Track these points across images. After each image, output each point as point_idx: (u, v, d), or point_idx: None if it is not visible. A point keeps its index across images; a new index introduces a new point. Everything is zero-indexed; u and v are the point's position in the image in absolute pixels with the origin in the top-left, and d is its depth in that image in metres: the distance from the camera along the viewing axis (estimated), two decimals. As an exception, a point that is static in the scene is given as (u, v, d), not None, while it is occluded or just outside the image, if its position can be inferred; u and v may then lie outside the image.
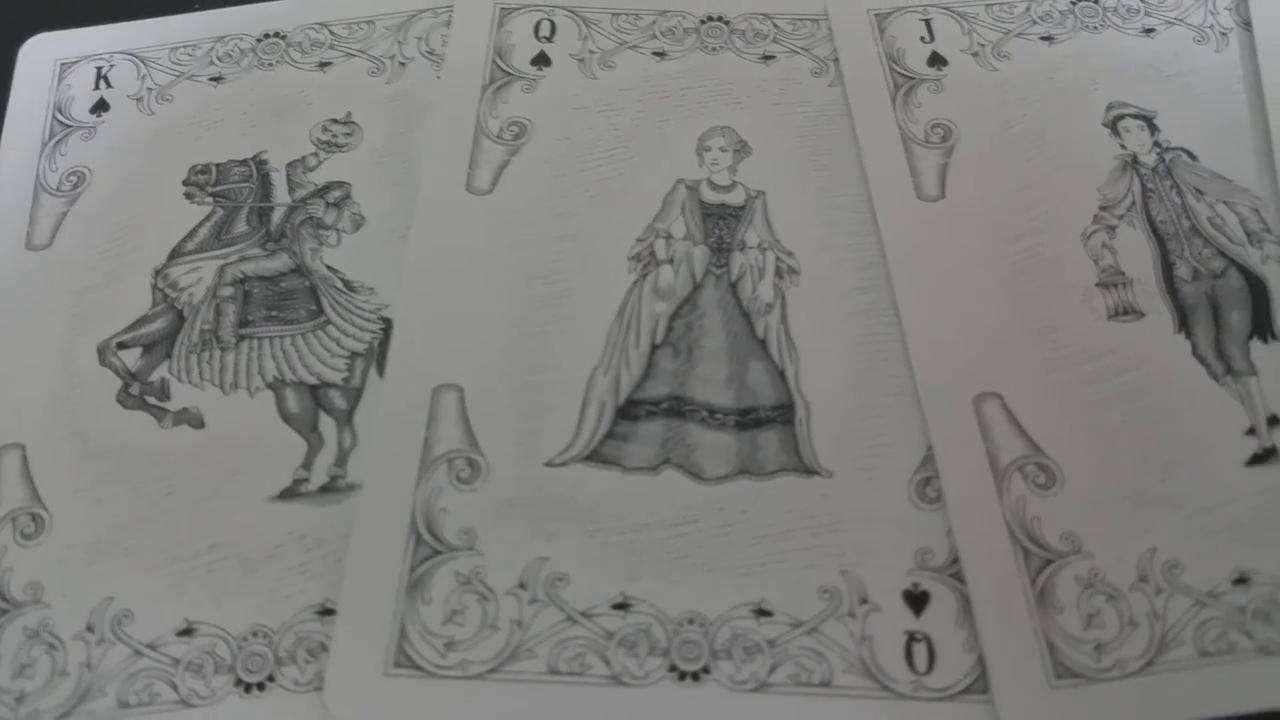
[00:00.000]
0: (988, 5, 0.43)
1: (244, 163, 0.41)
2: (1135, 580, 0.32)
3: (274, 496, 0.35)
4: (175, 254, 0.39)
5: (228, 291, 0.38)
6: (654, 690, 0.31)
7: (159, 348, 0.38)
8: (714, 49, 0.42)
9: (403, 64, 0.43)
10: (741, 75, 0.42)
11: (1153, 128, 0.40)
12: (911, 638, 0.32)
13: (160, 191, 0.41)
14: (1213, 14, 0.43)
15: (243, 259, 0.39)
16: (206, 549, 0.34)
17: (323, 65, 0.43)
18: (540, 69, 0.42)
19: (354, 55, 0.43)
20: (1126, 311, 0.37)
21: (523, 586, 0.33)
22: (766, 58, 0.42)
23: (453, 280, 0.37)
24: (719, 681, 0.31)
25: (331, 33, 0.44)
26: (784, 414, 0.35)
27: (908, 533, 0.33)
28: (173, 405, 0.37)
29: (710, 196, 0.39)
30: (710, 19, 0.43)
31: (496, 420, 0.35)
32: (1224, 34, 0.42)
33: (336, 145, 0.41)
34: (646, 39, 0.43)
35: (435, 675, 0.32)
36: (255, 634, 0.33)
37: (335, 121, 0.42)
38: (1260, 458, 0.34)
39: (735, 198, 0.39)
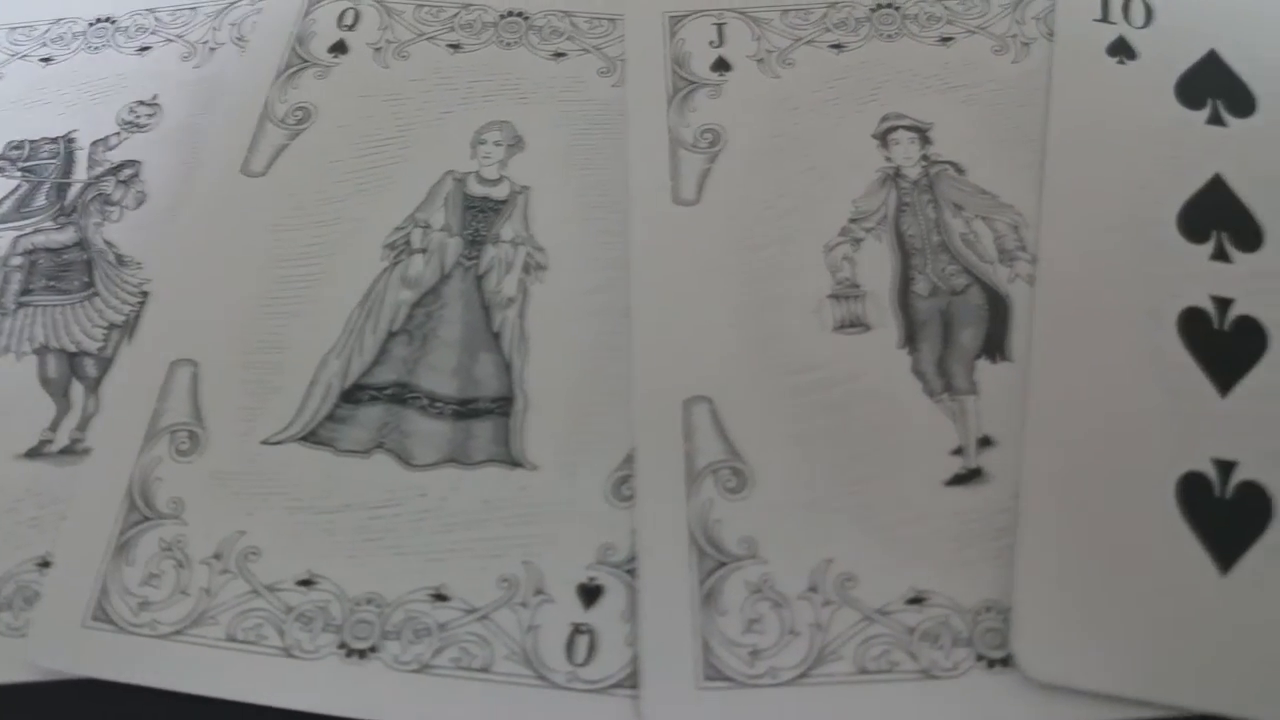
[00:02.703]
0: (784, 11, 0.43)
1: (55, 140, 0.43)
2: (805, 590, 0.33)
3: (21, 454, 0.37)
4: (-21, 224, 0.42)
5: (17, 261, 0.40)
6: (319, 664, 0.32)
7: (-50, 311, 0.40)
8: (509, 44, 0.43)
9: (213, 49, 0.44)
10: (531, 71, 0.43)
11: (925, 140, 0.40)
12: (576, 630, 0.33)
13: (-23, 165, 0.43)
14: (1019, 23, 0.42)
15: (36, 231, 0.41)
16: (-41, 499, 0.36)
17: (142, 50, 0.45)
18: (336, 56, 0.43)
19: (171, 40, 0.45)
20: (854, 324, 0.37)
21: (217, 557, 0.34)
22: (558, 55, 0.43)
23: (209, 259, 0.39)
24: (383, 660, 0.32)
25: (157, 19, 0.46)
26: (502, 406, 0.36)
27: (595, 528, 0.34)
28: (-47, 365, 0.39)
29: (475, 189, 0.40)
30: (511, 14, 0.44)
31: (225, 396, 0.37)
32: (1026, 44, 0.42)
33: (138, 126, 0.43)
34: (445, 31, 0.44)
35: (126, 632, 0.33)
36: (-18, 580, 0.35)
37: (141, 103, 0.43)
38: (962, 478, 0.34)
39: (499, 192, 0.40)
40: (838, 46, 0.42)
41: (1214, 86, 0.41)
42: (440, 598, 0.33)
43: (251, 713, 0.32)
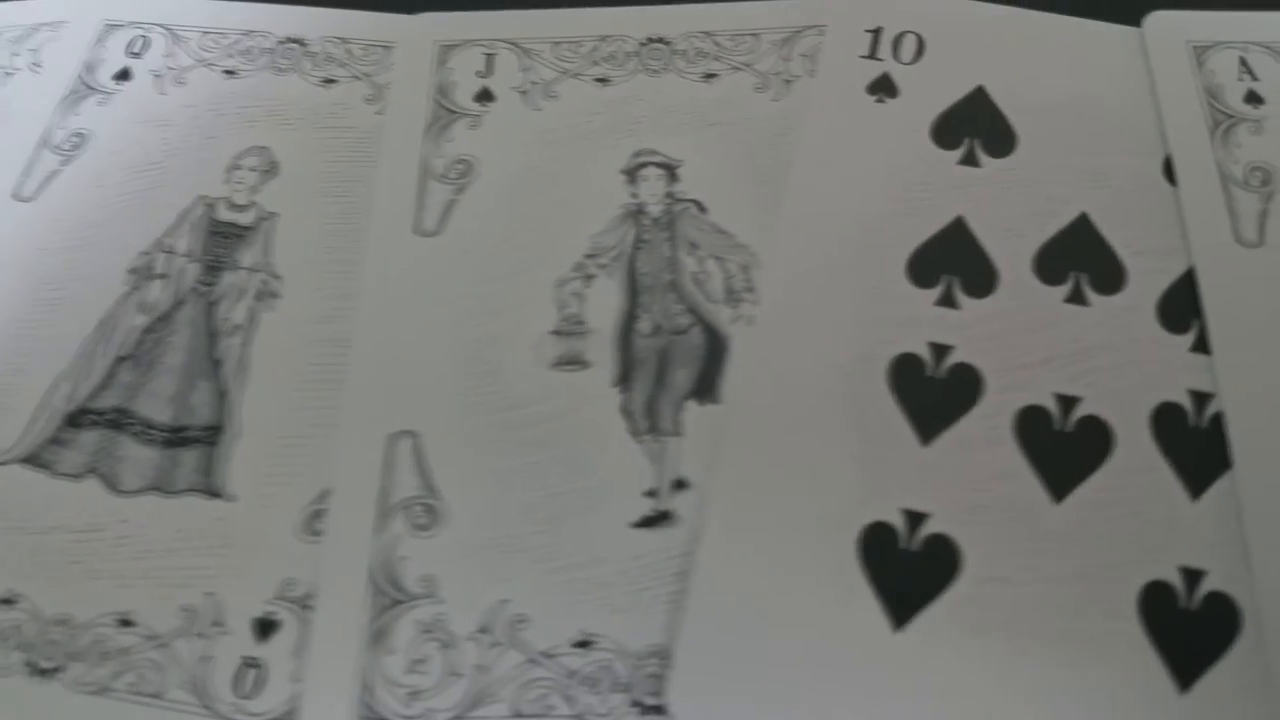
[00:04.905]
0: (555, 43, 0.43)
1: None
2: (475, 630, 0.33)
3: None
4: None
5: None
6: (6, 681, 0.33)
7: None
8: (282, 70, 0.44)
9: (10, 74, 0.45)
10: (299, 97, 0.43)
11: (672, 177, 0.40)
12: (246, 662, 0.33)
13: None
14: (785, 60, 0.42)
15: None
16: None
17: (-56, 74, 0.46)
18: (119, 83, 0.44)
19: (-26, 65, 0.46)
20: (572, 361, 0.37)
21: (-73, 574, 0.35)
22: (328, 81, 0.43)
23: (-33, 283, 0.40)
24: (64, 681, 0.33)
25: (-35, 43, 0.47)
26: (211, 435, 0.36)
27: (282, 562, 0.34)
28: None
29: (223, 215, 0.40)
30: (288, 40, 0.44)
31: (-40, 417, 0.38)
32: (788, 82, 0.41)
33: (-77, 151, 0.44)
34: (224, 57, 0.44)
35: None
36: None
37: (-69, 128, 0.44)
38: (651, 520, 0.34)
39: (246, 218, 0.40)
40: (603, 80, 0.42)
41: (973, 125, 0.40)
42: (126, 623, 0.34)
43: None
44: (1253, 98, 0.41)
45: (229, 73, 0.44)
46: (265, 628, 0.33)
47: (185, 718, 0.32)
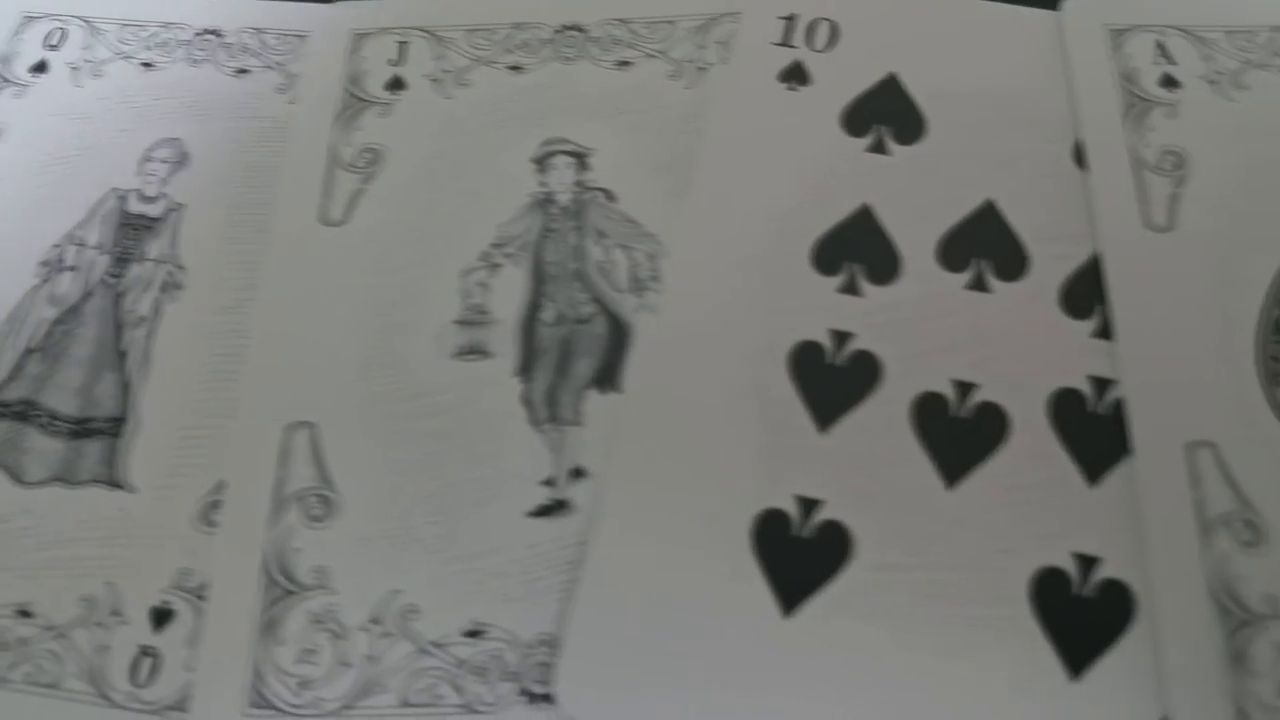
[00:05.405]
0: (469, 30, 0.43)
1: None
2: (366, 621, 0.33)
3: None
4: None
5: None
6: (-100, 676, 0.34)
7: None
8: (197, 61, 0.43)
9: (-68, 67, 0.45)
10: (212, 87, 0.43)
11: (582, 166, 0.39)
12: (143, 651, 0.33)
13: None
14: (700, 48, 0.42)
15: None
16: None
17: None
18: (35, 76, 0.44)
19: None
20: (474, 351, 0.37)
21: None
22: (241, 71, 0.43)
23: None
24: (-41, 674, 0.33)
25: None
26: (115, 427, 0.36)
27: (178, 553, 0.34)
28: None
29: (134, 207, 0.40)
30: (205, 32, 0.44)
31: None
32: (702, 69, 0.41)
33: None
34: (141, 49, 0.44)
35: None
36: None
37: None
38: (547, 509, 0.34)
39: (155, 209, 0.40)
40: (516, 68, 0.42)
41: (884, 113, 0.40)
42: (25, 614, 0.34)
43: None
44: (1168, 81, 0.40)
45: (146, 65, 0.44)
46: (161, 617, 0.34)
47: (81, 707, 0.33)
